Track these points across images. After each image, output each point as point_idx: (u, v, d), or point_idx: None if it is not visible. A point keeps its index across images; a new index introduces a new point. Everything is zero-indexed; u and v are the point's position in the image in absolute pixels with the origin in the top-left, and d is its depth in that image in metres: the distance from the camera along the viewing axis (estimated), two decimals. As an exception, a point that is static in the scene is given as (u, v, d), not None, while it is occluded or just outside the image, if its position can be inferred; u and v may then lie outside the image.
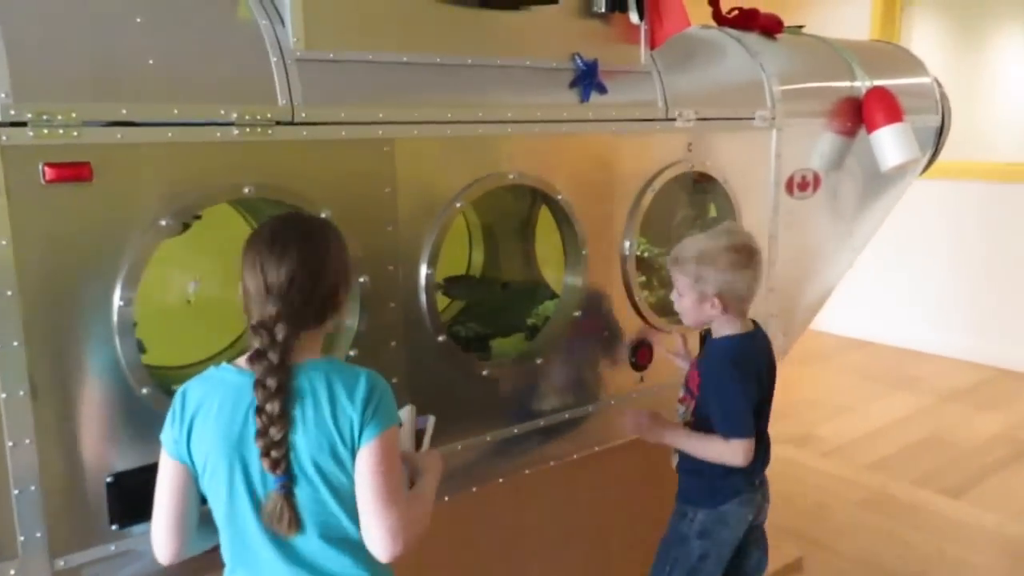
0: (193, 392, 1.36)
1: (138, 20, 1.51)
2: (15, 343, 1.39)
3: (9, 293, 1.37)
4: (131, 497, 1.54)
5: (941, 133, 3.28)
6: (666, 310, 2.49)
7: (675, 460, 2.05)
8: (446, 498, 2.00)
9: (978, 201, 5.40)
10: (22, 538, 1.45)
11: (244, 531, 1.36)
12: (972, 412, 4.63)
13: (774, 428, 2.02)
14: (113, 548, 1.54)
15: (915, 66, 3.27)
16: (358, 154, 1.74)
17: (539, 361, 2.14)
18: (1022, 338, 5.25)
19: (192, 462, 1.35)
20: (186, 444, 1.34)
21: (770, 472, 2.07)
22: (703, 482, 1.97)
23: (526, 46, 2.00)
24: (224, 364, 1.37)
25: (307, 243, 1.35)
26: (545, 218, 2.38)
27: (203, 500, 1.40)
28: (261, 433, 1.29)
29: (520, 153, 2.01)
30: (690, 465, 1.98)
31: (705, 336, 2.20)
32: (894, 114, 2.78)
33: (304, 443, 1.31)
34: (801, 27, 3.04)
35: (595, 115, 2.13)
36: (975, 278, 5.44)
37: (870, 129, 2.81)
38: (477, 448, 2.05)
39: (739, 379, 1.88)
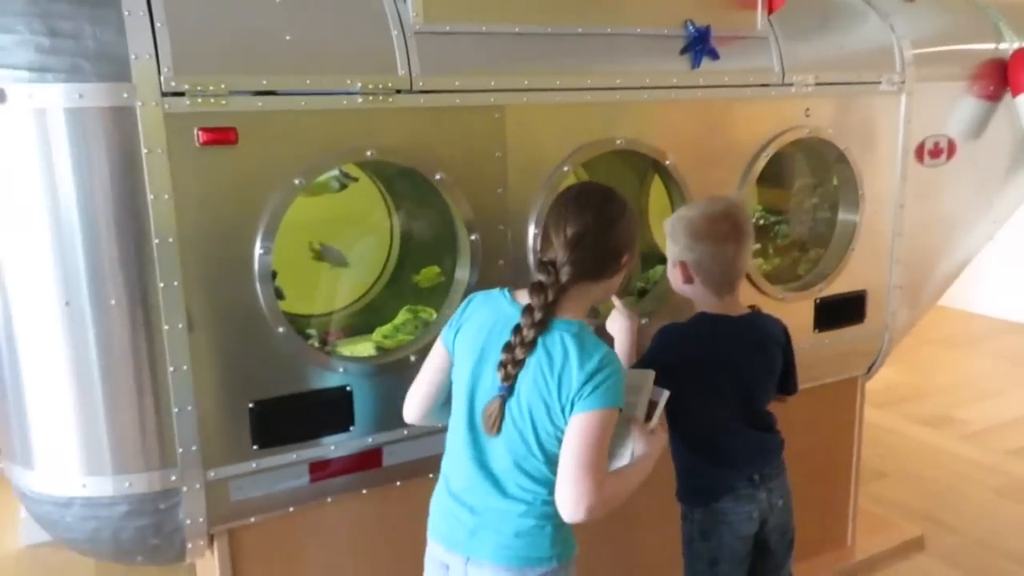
0: (474, 303, 1.59)
1: (277, 0, 1.70)
2: (175, 283, 1.63)
3: (171, 240, 1.61)
4: (269, 422, 1.76)
5: (1103, 98, 3.03)
6: (780, 278, 2.50)
7: None
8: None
9: None
10: (180, 450, 1.69)
11: (458, 426, 1.57)
12: None
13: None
14: (254, 465, 1.77)
15: (1075, 24, 3.03)
16: (470, 120, 1.87)
17: (644, 322, 2.21)
18: None
19: (452, 352, 1.58)
20: (453, 337, 1.57)
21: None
22: (687, 479, 1.88)
23: (638, 14, 2.06)
24: (506, 290, 1.58)
25: (604, 207, 1.52)
26: (659, 185, 2.43)
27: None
28: (509, 347, 1.47)
29: (628, 119, 2.07)
30: (676, 461, 1.88)
31: None
32: (1043, 76, 2.61)
33: (526, 384, 1.47)
34: (943, -14, 2.89)
35: (706, 81, 2.16)
36: None
37: (1015, 92, 2.66)
38: (581, 401, 2.15)
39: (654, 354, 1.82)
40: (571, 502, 1.41)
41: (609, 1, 2.02)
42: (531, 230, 1.99)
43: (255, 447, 1.77)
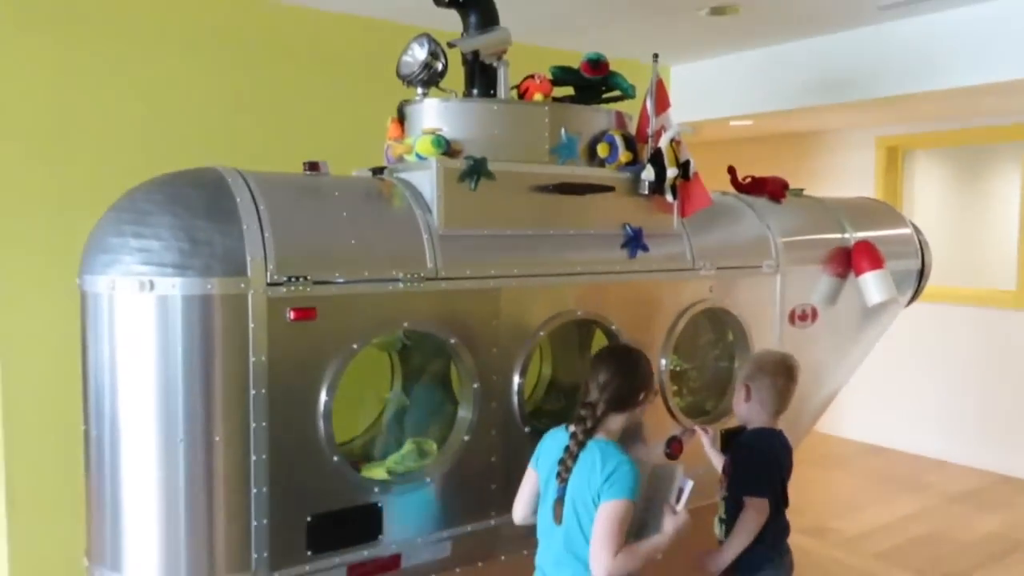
0: (546, 438, 2.31)
1: (344, 215, 2.33)
2: (264, 423, 2.15)
3: (263, 391, 2.14)
4: (321, 532, 2.26)
5: (922, 274, 4.00)
6: (691, 412, 3.19)
7: (719, 531, 2.64)
8: (524, 552, 2.69)
9: (977, 323, 6.04)
10: (255, 556, 2.16)
11: (543, 517, 2.23)
12: (973, 512, 5.15)
13: (792, 520, 2.64)
14: (307, 568, 2.24)
15: (896, 219, 4.02)
16: (476, 299, 2.52)
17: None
18: (1018, 448, 5.78)
19: (538, 470, 2.27)
20: (536, 461, 2.29)
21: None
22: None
23: (590, 219, 2.80)
24: (565, 425, 2.26)
25: (624, 359, 2.27)
26: (598, 340, 3.13)
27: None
28: (563, 460, 2.15)
29: (585, 296, 2.77)
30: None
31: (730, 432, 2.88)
32: (876, 262, 3.51)
33: (574, 483, 2.14)
34: (802, 190, 3.82)
35: (640, 267, 2.90)
36: (978, 392, 6.02)
37: (857, 273, 3.55)
38: (549, 514, 2.72)
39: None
40: (595, 567, 2.06)
41: (571, 210, 2.74)
42: (515, 379, 2.61)
43: (309, 552, 2.25)
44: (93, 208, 2.33)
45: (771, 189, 3.63)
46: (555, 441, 2.25)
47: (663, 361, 3.00)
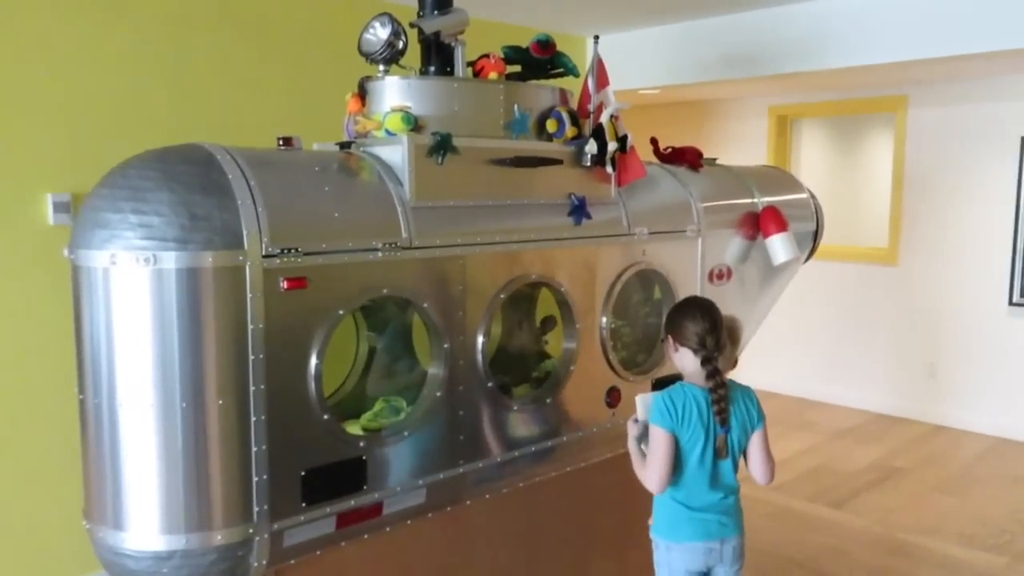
0: (676, 399, 2.52)
1: (326, 188, 2.48)
2: (261, 386, 2.30)
3: (261, 356, 2.29)
4: (314, 485, 2.44)
5: (816, 234, 4.47)
6: (627, 365, 3.52)
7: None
8: (487, 496, 2.96)
9: (855, 278, 6.71)
10: (256, 509, 2.33)
11: (694, 467, 2.51)
12: (854, 446, 5.81)
13: None
14: (302, 518, 2.43)
15: (795, 185, 4.47)
16: (445, 266, 2.72)
17: (548, 400, 3.12)
18: (890, 388, 6.51)
19: (679, 433, 2.50)
20: (678, 426, 2.49)
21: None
22: None
23: (541, 190, 3.04)
24: (688, 385, 2.56)
25: (717, 313, 2.60)
26: (544, 301, 3.40)
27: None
28: (722, 407, 2.49)
29: (538, 260, 3.02)
30: None
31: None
32: (781, 224, 3.93)
33: (735, 422, 2.54)
34: (715, 159, 4.19)
35: (585, 233, 3.17)
36: (855, 339, 6.71)
37: (765, 236, 3.95)
38: (508, 461, 3.00)
39: None
40: (769, 474, 2.62)
41: (524, 182, 2.97)
42: (479, 339, 2.85)
43: (303, 504, 2.43)
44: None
45: (689, 159, 3.97)
46: (693, 403, 2.51)
47: (603, 319, 3.30)
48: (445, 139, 2.69)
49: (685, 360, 2.60)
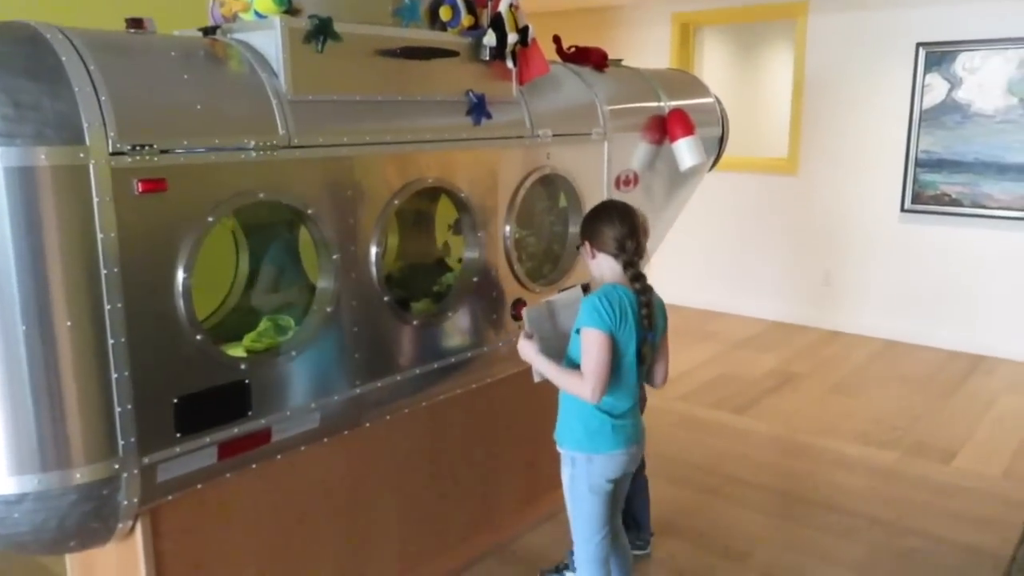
0: (611, 300, 2.32)
1: (185, 77, 2.15)
2: (119, 304, 2.01)
3: (116, 270, 1.99)
4: (189, 413, 2.19)
5: (722, 140, 4.37)
6: (532, 276, 3.36)
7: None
8: (387, 417, 2.78)
9: (757, 188, 6.73)
10: (122, 442, 2.06)
11: (627, 370, 2.37)
12: (753, 354, 5.91)
13: None
14: (177, 450, 2.18)
15: (702, 90, 4.33)
16: (330, 168, 2.45)
17: (450, 315, 2.93)
18: (788, 297, 6.64)
19: (619, 336, 2.32)
20: (616, 327, 2.31)
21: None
22: None
23: (436, 86, 2.77)
24: (618, 286, 2.37)
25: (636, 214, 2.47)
26: (444, 205, 3.17)
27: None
28: (649, 312, 2.38)
29: (435, 163, 2.78)
30: None
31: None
32: (688, 128, 3.79)
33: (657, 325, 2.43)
34: (620, 60, 3.99)
35: (485, 134, 2.94)
36: (755, 250, 6.78)
37: (672, 140, 3.81)
38: (409, 380, 2.81)
39: None
40: (666, 379, 2.59)
41: (417, 76, 2.70)
42: (372, 250, 2.61)
43: (178, 435, 2.18)
44: None
45: (595, 59, 3.76)
46: (627, 304, 2.34)
47: (507, 228, 3.11)
48: (324, 23, 2.38)
49: (603, 266, 2.45)
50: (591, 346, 2.30)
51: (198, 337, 2.18)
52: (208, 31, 2.49)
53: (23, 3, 3.15)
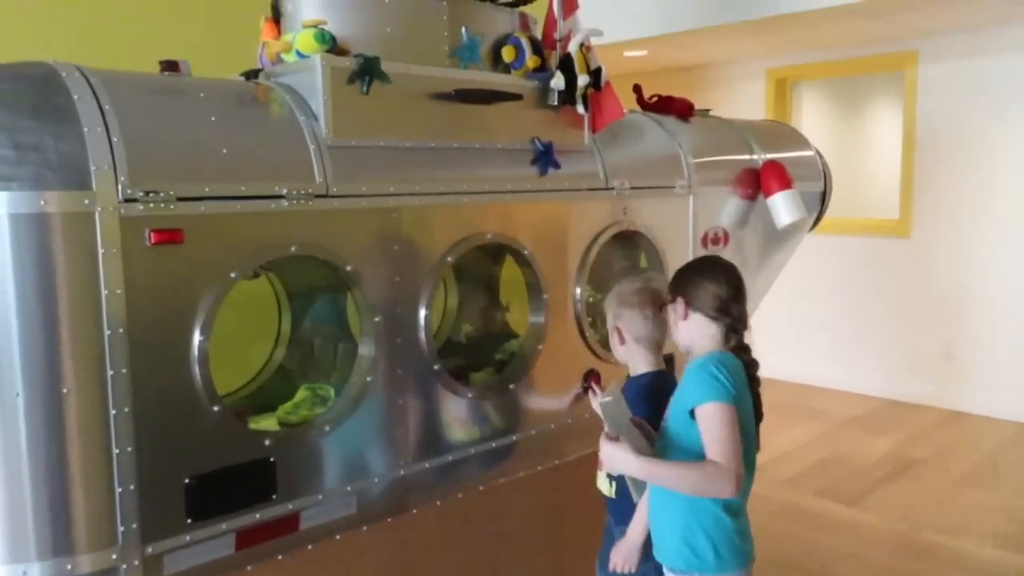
0: (728, 366, 1.88)
1: (213, 119, 1.95)
2: (123, 370, 1.77)
3: (121, 330, 1.76)
4: (203, 496, 1.92)
5: (825, 196, 3.95)
6: (607, 345, 3.00)
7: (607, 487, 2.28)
8: (437, 503, 2.44)
9: (861, 253, 6.19)
10: (121, 529, 1.80)
11: (750, 453, 1.92)
12: (864, 435, 5.30)
13: None
14: (188, 538, 1.90)
15: (800, 141, 3.94)
16: (373, 219, 2.20)
17: (511, 387, 2.60)
18: (902, 372, 6.00)
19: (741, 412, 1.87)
20: (740, 398, 1.87)
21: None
22: None
23: (497, 132, 2.51)
24: (727, 353, 1.94)
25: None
26: (508, 268, 2.87)
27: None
28: (758, 392, 1.97)
29: (495, 217, 2.50)
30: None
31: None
32: (785, 182, 3.40)
33: None
34: (708, 110, 3.67)
35: (551, 186, 2.65)
36: (862, 319, 6.19)
37: (767, 194, 3.43)
38: (463, 460, 2.48)
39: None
40: None
41: (475, 121, 2.45)
42: (421, 311, 2.32)
43: (189, 520, 1.90)
44: None
45: (678, 108, 3.45)
46: (740, 373, 1.92)
47: (578, 290, 2.78)
48: (370, 62, 2.16)
49: (696, 331, 2.00)
50: (721, 423, 1.81)
51: (215, 408, 1.92)
52: (250, 75, 2.32)
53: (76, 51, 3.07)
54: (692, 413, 1.86)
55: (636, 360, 2.29)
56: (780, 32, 5.32)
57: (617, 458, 1.91)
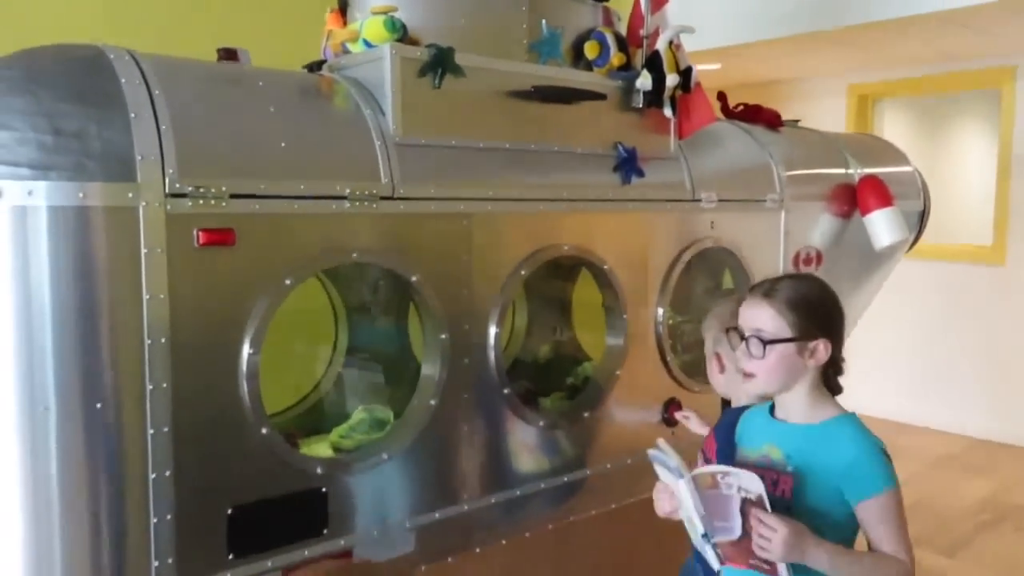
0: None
1: (272, 110, 1.77)
2: (164, 384, 1.58)
3: (163, 340, 1.57)
4: (247, 529, 1.71)
5: (923, 216, 3.63)
6: (691, 372, 2.73)
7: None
8: (503, 542, 2.20)
9: (949, 280, 5.77)
10: (156, 563, 1.60)
11: None
12: (958, 478, 4.87)
13: None
14: (228, 575, 1.70)
15: (898, 157, 3.64)
16: (442, 226, 1.99)
17: (585, 415, 2.35)
18: (998, 409, 5.55)
19: None
20: None
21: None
22: None
23: (576, 135, 2.29)
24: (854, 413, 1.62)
25: None
26: (582, 284, 2.64)
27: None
28: None
29: (573, 228, 2.27)
30: None
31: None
32: (885, 199, 3.11)
33: None
34: (798, 121, 3.39)
35: (635, 195, 2.41)
36: (951, 352, 5.76)
37: (864, 212, 3.13)
38: (532, 495, 2.23)
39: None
40: None
41: (555, 121, 2.23)
42: (492, 330, 2.10)
43: (231, 556, 1.70)
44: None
45: (767, 118, 3.19)
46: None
47: (660, 311, 2.53)
48: (444, 53, 1.96)
49: (812, 376, 1.60)
50: (899, 512, 1.53)
51: (264, 431, 1.72)
52: (313, 67, 2.14)
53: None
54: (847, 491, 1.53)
55: (738, 392, 2.01)
56: (865, 45, 5.00)
57: (797, 545, 1.46)
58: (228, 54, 1.92)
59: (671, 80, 2.38)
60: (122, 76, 1.59)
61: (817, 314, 1.59)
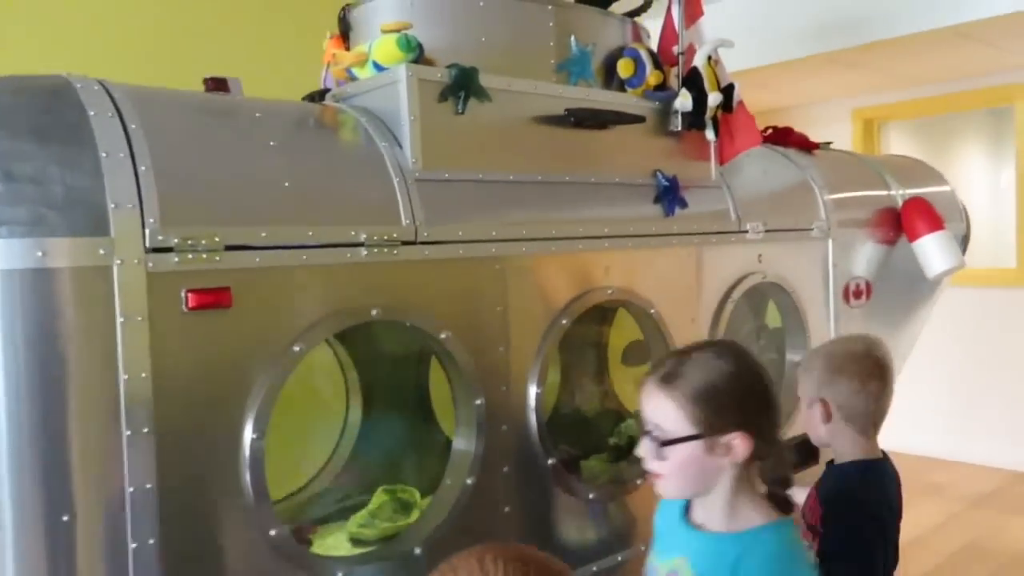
0: None
1: (271, 144, 1.49)
2: (148, 485, 1.27)
3: (145, 430, 1.27)
4: (256, 654, 1.39)
5: (966, 240, 3.38)
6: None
7: None
8: (552, 637, 1.86)
9: (973, 305, 5.54)
10: None
11: None
12: (1004, 517, 4.57)
13: None
14: None
15: (935, 176, 3.40)
16: (473, 272, 1.70)
17: (639, 482, 2.05)
18: (1036, 439, 5.27)
19: None
20: None
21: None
22: None
23: (613, 163, 2.03)
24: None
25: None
26: (618, 330, 2.35)
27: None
28: None
29: (616, 268, 1.99)
30: None
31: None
32: (935, 223, 2.86)
33: None
34: (830, 143, 3.15)
35: (679, 228, 2.14)
36: (982, 381, 5.50)
37: (912, 238, 2.87)
38: (583, 579, 1.92)
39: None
40: None
41: (589, 149, 1.97)
42: (532, 391, 1.80)
43: None
44: None
45: (798, 140, 2.94)
46: None
47: (708, 356, 2.23)
48: (467, 74, 1.70)
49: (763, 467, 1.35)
50: None
51: (272, 532, 1.40)
52: (315, 97, 1.87)
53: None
54: None
55: (843, 443, 1.72)
56: (870, 65, 4.82)
57: None
58: (217, 84, 1.64)
59: (713, 99, 2.12)
60: (90, 108, 1.31)
61: (727, 404, 1.27)
